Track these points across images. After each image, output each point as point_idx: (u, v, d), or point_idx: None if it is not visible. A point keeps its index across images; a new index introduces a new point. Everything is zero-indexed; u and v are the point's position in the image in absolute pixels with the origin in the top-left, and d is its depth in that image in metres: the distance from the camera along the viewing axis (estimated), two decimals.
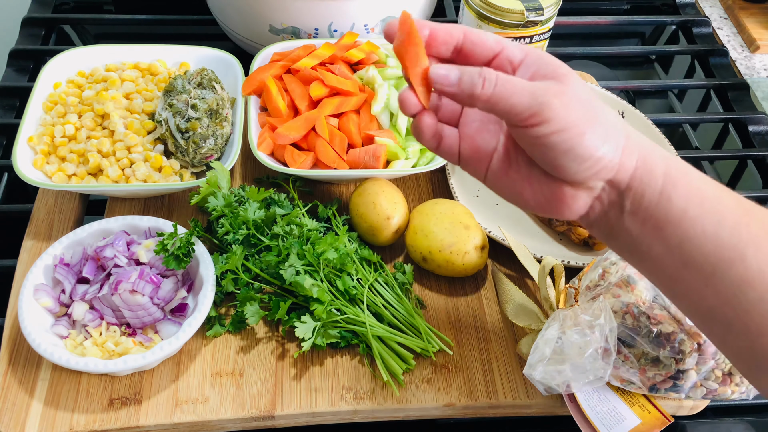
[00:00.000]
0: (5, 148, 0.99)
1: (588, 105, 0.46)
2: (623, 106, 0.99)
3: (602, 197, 0.49)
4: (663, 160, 0.48)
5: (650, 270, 0.51)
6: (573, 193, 0.48)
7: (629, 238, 0.49)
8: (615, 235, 0.50)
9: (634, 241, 0.49)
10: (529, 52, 0.48)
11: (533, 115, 0.45)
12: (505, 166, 0.50)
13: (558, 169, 0.47)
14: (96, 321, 0.72)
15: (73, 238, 0.76)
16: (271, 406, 0.71)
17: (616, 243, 0.51)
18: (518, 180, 0.50)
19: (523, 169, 0.50)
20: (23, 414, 0.69)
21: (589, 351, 0.67)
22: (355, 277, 0.76)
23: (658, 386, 0.70)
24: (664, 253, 0.48)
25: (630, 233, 0.49)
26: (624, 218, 0.49)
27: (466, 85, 0.46)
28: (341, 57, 0.93)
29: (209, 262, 0.75)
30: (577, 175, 0.47)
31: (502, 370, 0.75)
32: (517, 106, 0.45)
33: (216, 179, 0.79)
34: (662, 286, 0.51)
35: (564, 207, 0.49)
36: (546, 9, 1.00)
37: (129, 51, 0.96)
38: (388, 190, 0.82)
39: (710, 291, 0.47)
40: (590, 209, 0.50)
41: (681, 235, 0.47)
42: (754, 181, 1.04)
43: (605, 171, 0.47)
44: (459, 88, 0.47)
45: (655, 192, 0.47)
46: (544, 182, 0.49)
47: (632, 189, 0.47)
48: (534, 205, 0.50)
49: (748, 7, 1.27)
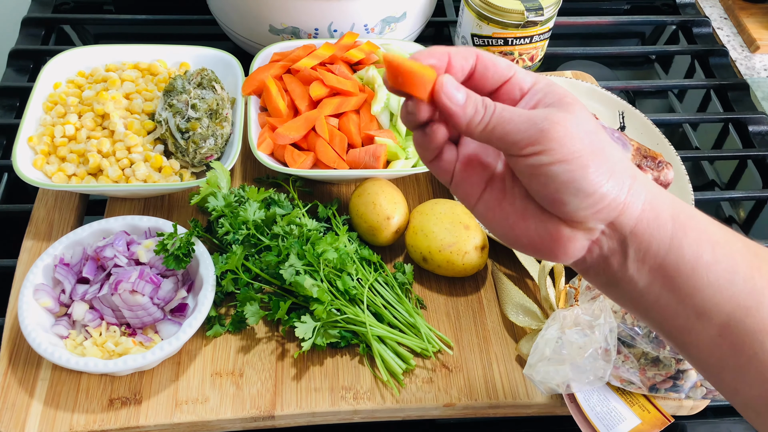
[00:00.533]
0: (5, 148, 0.99)
1: (593, 136, 0.43)
2: (623, 106, 0.99)
3: (601, 241, 0.45)
4: (670, 204, 0.45)
5: (656, 321, 0.46)
6: (570, 234, 0.44)
7: (633, 287, 0.45)
8: (616, 283, 0.46)
9: (640, 292, 0.45)
10: (539, 80, 0.45)
11: (532, 143, 0.42)
12: (499, 196, 0.47)
13: (556, 204, 0.43)
14: (96, 321, 0.72)
15: (73, 238, 0.76)
16: (271, 406, 0.71)
17: (617, 292, 0.47)
18: (511, 214, 0.46)
19: (518, 202, 0.46)
20: (23, 414, 0.69)
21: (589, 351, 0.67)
22: (355, 277, 0.76)
23: (658, 386, 0.70)
24: (674, 303, 0.44)
25: (634, 282, 0.45)
26: (628, 266, 0.45)
27: (470, 109, 0.43)
28: (341, 57, 0.93)
29: (209, 262, 0.75)
30: (577, 212, 0.43)
31: (502, 370, 0.75)
32: (515, 134, 0.42)
33: (216, 179, 0.79)
34: (669, 337, 0.47)
35: (559, 248, 0.45)
36: (546, 9, 1.00)
37: (129, 51, 0.96)
38: (388, 190, 0.82)
39: (724, 340, 0.44)
40: (587, 253, 0.45)
41: (694, 285, 0.44)
42: (754, 181, 1.04)
43: (608, 210, 0.43)
44: (463, 113, 0.43)
45: (665, 238, 0.43)
46: (540, 219, 0.45)
47: (638, 234, 0.43)
48: (526, 242, 0.46)
49: (748, 7, 1.27)
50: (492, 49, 1.05)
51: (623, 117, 0.99)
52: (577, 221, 0.43)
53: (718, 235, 0.45)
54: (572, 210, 0.43)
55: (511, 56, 1.06)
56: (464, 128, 0.44)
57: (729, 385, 0.46)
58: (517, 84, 0.45)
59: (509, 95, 0.46)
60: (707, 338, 0.44)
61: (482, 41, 1.05)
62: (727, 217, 1.00)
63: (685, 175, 0.90)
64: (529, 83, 0.45)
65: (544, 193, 0.43)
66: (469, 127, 0.43)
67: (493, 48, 1.05)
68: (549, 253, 0.45)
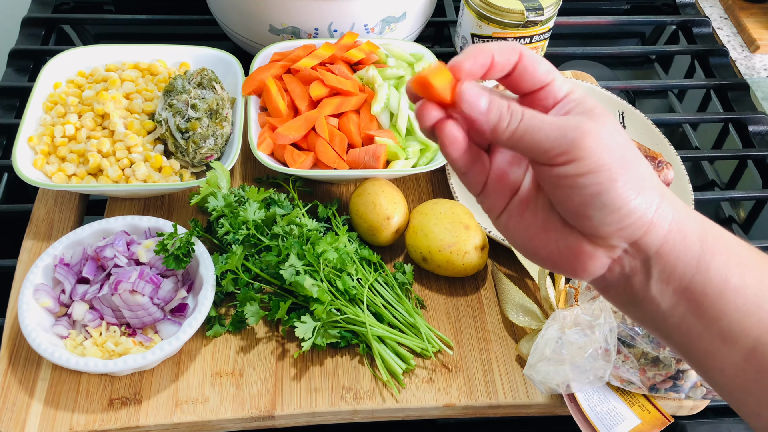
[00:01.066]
0: (5, 148, 0.99)
1: (624, 149, 0.41)
2: (623, 106, 0.99)
3: (623, 260, 0.43)
4: (699, 224, 0.43)
5: (679, 343, 0.45)
6: (591, 250, 0.42)
7: (656, 308, 0.44)
8: (638, 303, 0.44)
9: (663, 314, 0.44)
10: (575, 90, 0.44)
11: (562, 153, 0.40)
12: (522, 207, 0.45)
13: (581, 218, 0.41)
14: (96, 321, 0.72)
15: (73, 238, 0.76)
16: (271, 406, 0.71)
17: (638, 312, 0.45)
18: (532, 225, 0.44)
19: (540, 213, 0.44)
20: (23, 414, 0.69)
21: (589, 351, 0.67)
22: (355, 277, 0.76)
23: (658, 386, 0.70)
24: (699, 327, 0.43)
25: (657, 304, 0.43)
26: (651, 286, 0.43)
27: (494, 115, 0.41)
28: (341, 57, 0.93)
29: (209, 262, 0.75)
30: (601, 227, 0.41)
31: (502, 370, 0.75)
32: (545, 142, 0.40)
33: (216, 179, 0.79)
34: (691, 360, 0.45)
35: (578, 264, 0.43)
36: (546, 9, 1.00)
37: (129, 51, 0.96)
38: (388, 190, 0.82)
39: (750, 365, 0.42)
40: (608, 272, 0.44)
41: (721, 309, 0.42)
42: (754, 181, 1.04)
43: (634, 228, 0.41)
44: (486, 119, 0.41)
45: (692, 260, 0.42)
46: (561, 233, 0.43)
47: (663, 255, 0.42)
48: (545, 256, 0.44)
49: (748, 7, 1.27)
50: None
51: (623, 117, 0.99)
52: (600, 237, 0.42)
53: (747, 258, 0.43)
54: (596, 225, 0.41)
55: None
56: (489, 134, 0.42)
57: (752, 410, 0.45)
58: (552, 92, 0.44)
59: (542, 101, 0.44)
60: (732, 363, 0.43)
61: (482, 41, 1.05)
62: (727, 217, 1.00)
63: (685, 175, 0.90)
64: (564, 92, 0.44)
65: (568, 206, 0.42)
66: (494, 133, 0.42)
67: None
68: (568, 269, 0.44)
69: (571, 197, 0.41)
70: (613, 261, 0.43)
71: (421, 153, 0.88)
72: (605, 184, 0.40)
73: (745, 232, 0.98)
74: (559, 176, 0.41)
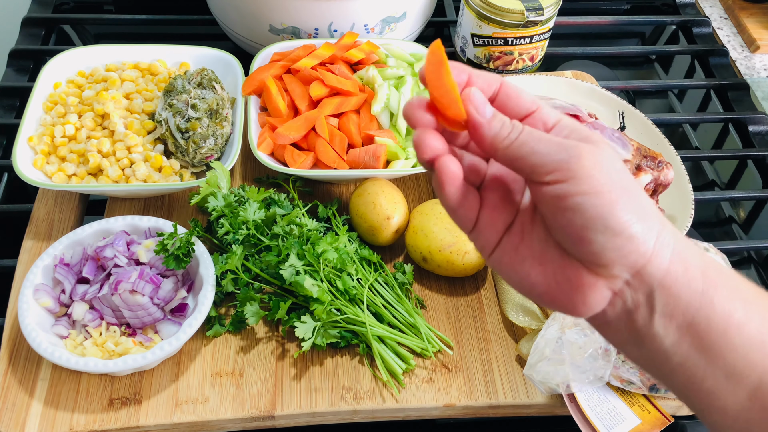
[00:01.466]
0: (5, 148, 0.99)
1: (623, 175, 0.40)
2: (623, 106, 0.99)
3: (625, 293, 0.41)
4: (699, 257, 0.42)
5: (681, 384, 0.43)
6: (592, 281, 0.40)
7: (658, 346, 0.42)
8: (640, 341, 0.42)
9: (665, 352, 0.42)
10: (564, 117, 0.43)
11: (560, 169, 0.39)
12: (516, 241, 0.43)
13: (582, 244, 0.40)
14: (96, 321, 0.72)
15: (73, 238, 0.76)
16: (271, 406, 0.71)
17: (640, 352, 0.43)
18: (528, 258, 0.43)
19: (536, 245, 0.43)
20: (23, 414, 0.69)
21: (589, 351, 0.67)
22: (355, 277, 0.76)
23: (658, 386, 0.70)
24: (703, 364, 0.41)
25: (660, 341, 0.41)
26: (654, 321, 0.41)
27: (497, 123, 0.41)
28: (341, 57, 0.93)
29: (209, 262, 0.75)
30: (603, 253, 0.39)
31: (502, 370, 0.75)
32: (543, 156, 0.39)
33: (216, 179, 0.79)
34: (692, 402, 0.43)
35: (578, 297, 0.41)
36: (546, 9, 1.00)
37: (129, 51, 0.96)
38: (388, 190, 0.82)
39: (755, 404, 0.41)
40: (609, 306, 0.42)
41: (726, 344, 0.41)
42: (754, 181, 1.04)
43: (635, 256, 0.39)
44: (488, 126, 0.41)
45: (695, 293, 0.40)
46: (559, 264, 0.41)
47: (667, 287, 0.40)
48: (542, 290, 0.42)
49: (748, 7, 1.27)
50: (492, 49, 1.05)
51: (623, 117, 0.99)
52: (602, 265, 0.40)
53: (748, 293, 0.42)
54: (598, 250, 0.39)
55: (511, 56, 1.06)
56: (489, 143, 0.41)
57: None
58: (540, 119, 0.43)
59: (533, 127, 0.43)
60: (736, 402, 0.42)
61: (482, 41, 1.05)
62: (727, 217, 1.00)
63: (685, 175, 0.90)
64: (554, 119, 0.43)
65: (568, 231, 0.40)
66: (494, 142, 0.41)
67: (493, 48, 1.05)
68: (567, 302, 0.42)
69: (570, 221, 0.39)
70: (614, 294, 0.41)
71: None
72: (606, 207, 0.39)
73: (745, 232, 0.98)
74: (558, 197, 0.39)
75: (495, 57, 1.06)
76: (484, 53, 1.06)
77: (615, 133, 0.84)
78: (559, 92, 1.01)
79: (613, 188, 0.39)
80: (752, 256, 0.95)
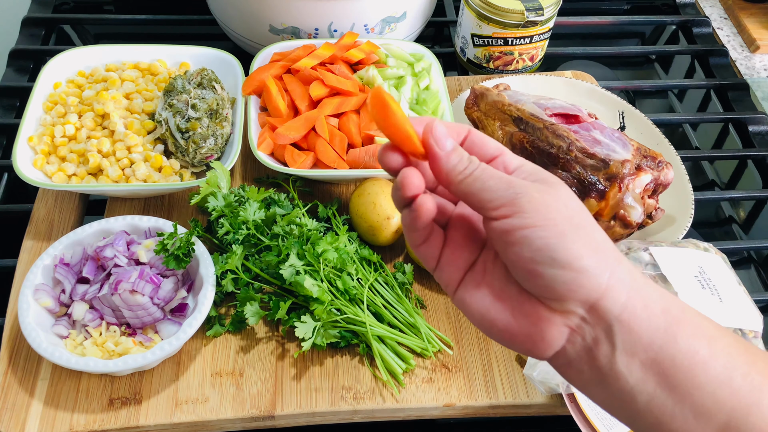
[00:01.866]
0: (5, 148, 0.99)
1: (574, 212, 0.41)
2: (623, 106, 0.99)
3: (583, 329, 0.41)
4: (660, 296, 0.42)
5: (650, 425, 0.42)
6: (548, 316, 0.41)
7: (623, 385, 0.41)
8: (604, 381, 0.42)
9: (630, 391, 0.41)
10: (526, 163, 0.44)
11: (507, 204, 0.40)
12: (478, 279, 0.44)
13: (532, 278, 0.40)
14: (96, 321, 0.72)
15: (73, 238, 0.76)
16: (271, 406, 0.71)
17: (604, 393, 0.42)
18: (488, 296, 0.44)
19: (496, 283, 0.43)
20: (23, 414, 0.69)
21: None
22: (355, 277, 0.76)
23: None
24: (671, 403, 0.41)
25: (624, 379, 0.41)
26: (617, 359, 0.41)
27: (455, 157, 0.42)
28: (341, 57, 0.93)
29: (209, 262, 0.75)
30: (553, 287, 0.40)
31: (502, 370, 0.75)
32: (493, 192, 0.41)
33: (216, 179, 0.79)
34: None
35: (536, 332, 0.41)
36: (546, 9, 1.00)
37: (129, 51, 0.96)
38: (388, 190, 0.82)
39: None
40: (569, 344, 0.42)
41: (693, 381, 0.40)
42: (754, 181, 1.04)
43: (587, 290, 0.40)
44: (446, 159, 0.42)
45: (657, 330, 0.40)
46: (517, 300, 0.42)
47: (625, 323, 0.40)
48: (502, 327, 0.43)
49: (748, 7, 1.27)
50: (492, 48, 1.05)
51: (623, 117, 0.99)
52: (554, 299, 0.40)
53: (712, 330, 0.42)
54: (548, 284, 0.40)
55: (511, 56, 1.06)
56: (444, 175, 0.43)
57: None
58: (502, 163, 0.44)
59: None
60: None
61: (482, 41, 1.05)
62: (727, 217, 1.00)
63: (685, 175, 0.90)
64: (515, 164, 0.44)
65: (519, 265, 0.41)
66: (449, 176, 0.42)
67: (493, 48, 1.05)
68: (526, 340, 0.42)
69: (519, 255, 0.40)
70: (572, 331, 0.41)
71: None
72: (552, 239, 0.39)
73: (745, 232, 0.98)
74: (506, 232, 0.40)
75: (495, 57, 1.06)
76: (484, 53, 1.06)
77: (615, 133, 0.84)
78: (559, 92, 1.01)
79: (561, 222, 0.40)
80: (752, 256, 0.95)
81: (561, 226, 0.40)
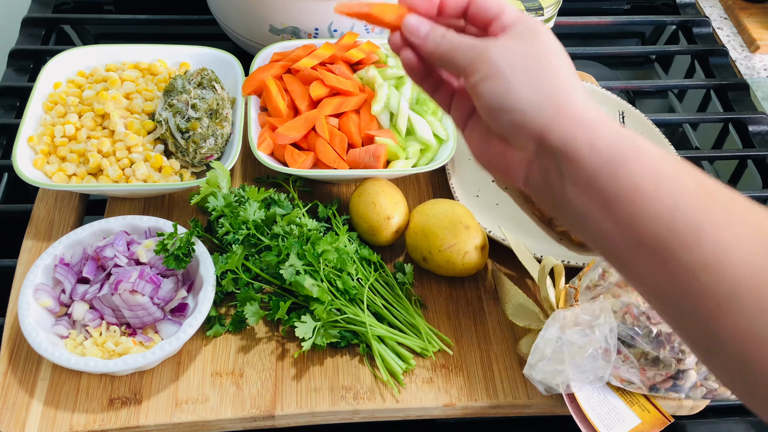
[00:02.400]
0: (5, 148, 0.99)
1: (535, 59, 0.47)
2: (623, 106, 0.99)
3: (537, 161, 0.48)
4: (614, 134, 0.45)
5: (602, 248, 0.47)
6: (510, 151, 0.50)
7: (574, 211, 0.47)
8: (559, 205, 0.48)
9: (581, 215, 0.46)
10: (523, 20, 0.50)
11: (468, 65, 0.48)
12: (474, 124, 0.54)
13: (491, 121, 0.49)
14: (96, 321, 0.72)
15: (73, 238, 0.76)
16: (271, 406, 0.71)
17: (564, 216, 0.49)
18: (480, 137, 0.53)
19: (483, 127, 0.52)
20: (23, 414, 0.69)
21: (589, 351, 0.67)
22: (355, 277, 0.76)
23: (658, 386, 0.70)
24: (614, 230, 0.45)
25: (574, 206, 0.46)
26: (566, 188, 0.46)
27: (431, 41, 0.50)
28: (341, 57, 0.93)
29: (209, 262, 0.75)
30: (505, 126, 0.48)
31: (502, 370, 0.75)
32: (460, 59, 0.49)
33: (216, 179, 0.79)
34: (616, 265, 0.48)
35: (507, 165, 0.50)
36: (546, 9, 1.00)
37: (129, 51, 0.96)
38: (388, 190, 0.82)
39: (663, 273, 0.43)
40: (530, 172, 0.49)
41: (631, 214, 0.44)
42: (754, 181, 1.04)
43: (530, 128, 0.46)
44: (424, 42, 0.51)
45: (597, 164, 0.44)
46: (493, 141, 0.51)
47: (569, 157, 0.45)
48: (486, 160, 0.53)
49: (748, 7, 1.27)
50: None
51: (623, 117, 0.99)
52: (510, 137, 0.48)
53: (667, 169, 0.44)
54: (500, 125, 0.48)
55: None
56: (427, 56, 0.52)
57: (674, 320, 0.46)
58: (500, 23, 0.50)
59: (494, 33, 0.50)
60: (648, 270, 0.44)
61: None
62: None
63: None
64: (509, 22, 0.50)
65: (483, 113, 0.49)
66: (429, 53, 0.51)
67: None
68: (503, 170, 0.51)
69: (479, 104, 0.48)
70: (529, 162, 0.49)
71: (421, 153, 0.88)
72: (498, 87, 0.47)
73: None
74: (470, 86, 0.49)
75: None
76: None
77: None
78: None
79: (510, 72, 0.46)
80: None
81: (509, 76, 0.46)
